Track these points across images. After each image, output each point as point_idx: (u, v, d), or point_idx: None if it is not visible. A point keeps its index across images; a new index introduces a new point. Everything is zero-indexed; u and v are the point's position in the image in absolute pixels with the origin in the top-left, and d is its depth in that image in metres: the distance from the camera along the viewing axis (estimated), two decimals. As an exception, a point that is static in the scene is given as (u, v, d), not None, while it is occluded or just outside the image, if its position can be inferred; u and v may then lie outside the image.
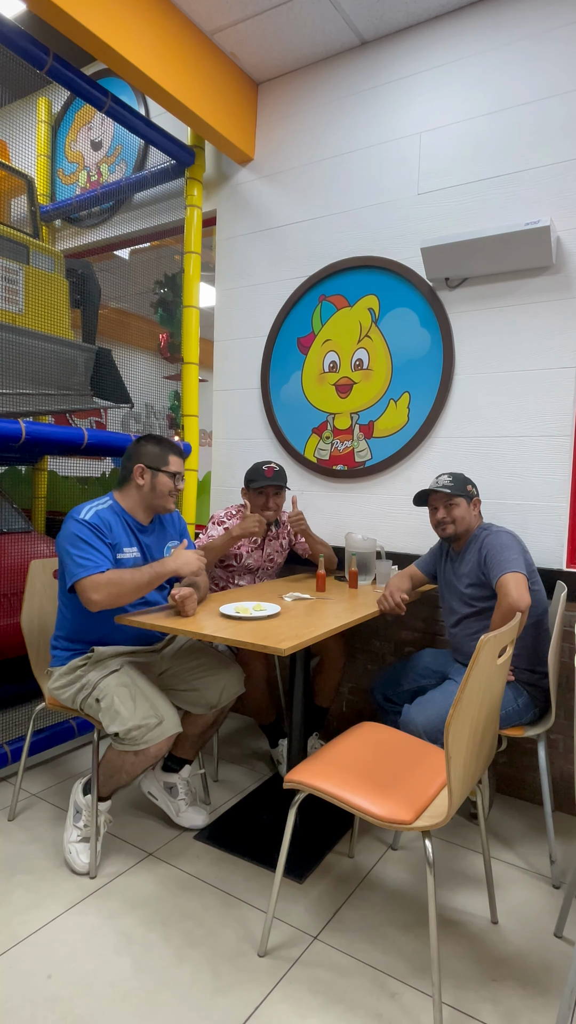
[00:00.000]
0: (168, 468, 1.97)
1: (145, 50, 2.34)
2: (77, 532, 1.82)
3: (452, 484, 2.06)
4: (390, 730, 1.79)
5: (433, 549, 2.28)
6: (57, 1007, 1.39)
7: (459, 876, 1.90)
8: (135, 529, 1.98)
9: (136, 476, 1.96)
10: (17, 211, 3.30)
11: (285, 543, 2.66)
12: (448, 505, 2.06)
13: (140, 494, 1.98)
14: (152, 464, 1.96)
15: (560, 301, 2.25)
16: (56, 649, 1.97)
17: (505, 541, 1.95)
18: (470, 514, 2.07)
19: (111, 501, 1.97)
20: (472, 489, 2.09)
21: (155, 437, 2.01)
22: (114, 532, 1.91)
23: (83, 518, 1.86)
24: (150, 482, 1.96)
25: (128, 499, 1.99)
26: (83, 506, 1.91)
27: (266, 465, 2.48)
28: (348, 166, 2.71)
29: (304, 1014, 1.40)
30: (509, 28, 2.33)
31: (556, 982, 1.51)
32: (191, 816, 2.09)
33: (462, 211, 2.44)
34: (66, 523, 1.86)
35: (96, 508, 1.91)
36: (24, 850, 1.94)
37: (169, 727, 1.77)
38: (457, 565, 2.11)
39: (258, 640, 1.59)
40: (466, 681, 1.27)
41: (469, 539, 2.08)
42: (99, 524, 1.87)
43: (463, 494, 2.05)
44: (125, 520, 1.96)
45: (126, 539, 1.95)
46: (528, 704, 1.91)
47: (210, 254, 3.17)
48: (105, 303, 3.29)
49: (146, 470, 1.95)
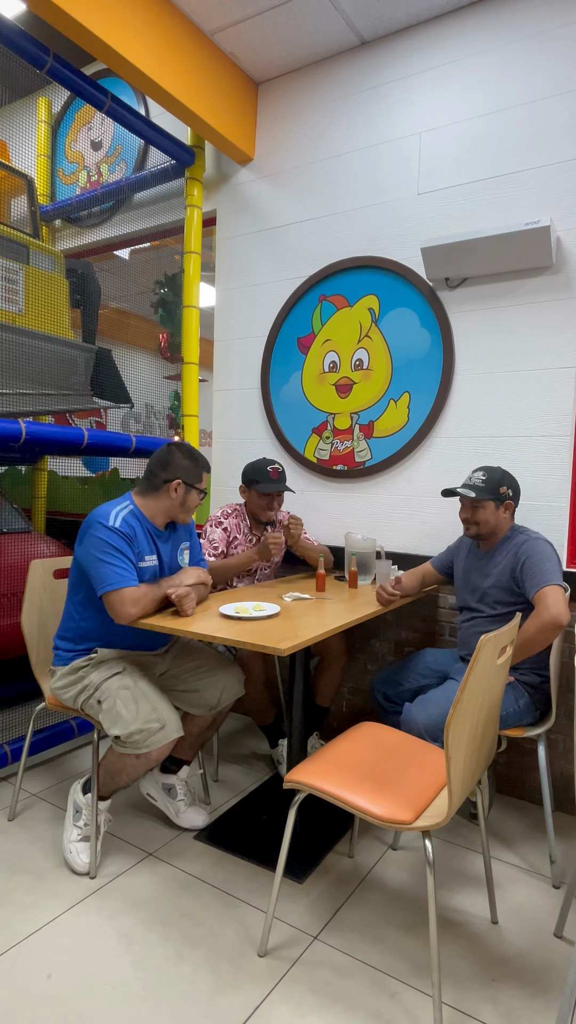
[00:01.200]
0: (200, 486, 1.97)
1: (145, 50, 2.35)
2: (110, 540, 1.79)
3: (482, 486, 2.00)
4: (390, 730, 1.79)
5: (452, 545, 2.26)
6: (57, 1007, 1.39)
7: (459, 876, 1.90)
8: (154, 536, 1.96)
9: (171, 489, 1.92)
10: (17, 211, 3.31)
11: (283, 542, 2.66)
12: (473, 507, 2.02)
13: (167, 505, 1.94)
14: (188, 480, 1.94)
15: (560, 301, 2.25)
16: (59, 649, 1.96)
17: (545, 551, 1.91)
18: (498, 517, 2.01)
19: (132, 506, 1.92)
20: (506, 491, 2.00)
21: (188, 449, 1.98)
22: (138, 540, 1.88)
23: (114, 526, 1.81)
24: (182, 497, 1.94)
25: (151, 506, 1.94)
26: (108, 510, 1.86)
27: (271, 466, 2.45)
28: (348, 166, 2.72)
29: (304, 1014, 1.40)
30: (509, 28, 2.33)
31: (556, 982, 1.51)
32: (191, 817, 2.08)
33: (462, 211, 2.44)
34: (94, 528, 1.81)
35: (122, 514, 1.86)
36: (24, 850, 1.94)
37: (171, 731, 1.77)
38: (484, 562, 2.06)
39: (258, 640, 1.59)
40: (466, 681, 1.27)
41: (500, 540, 2.04)
42: (129, 533, 1.84)
43: (492, 497, 1.98)
44: (146, 527, 1.93)
45: (147, 547, 1.92)
46: (529, 706, 1.91)
47: (210, 254, 3.18)
48: (105, 303, 3.29)
49: (181, 485, 1.93)
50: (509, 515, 2.04)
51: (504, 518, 2.03)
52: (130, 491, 1.99)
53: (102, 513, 1.85)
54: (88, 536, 1.82)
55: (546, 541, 1.95)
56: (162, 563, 1.98)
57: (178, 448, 1.97)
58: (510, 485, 2.02)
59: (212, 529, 2.49)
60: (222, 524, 2.50)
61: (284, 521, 2.66)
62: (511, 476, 2.05)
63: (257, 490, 2.45)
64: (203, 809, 2.14)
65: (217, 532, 2.48)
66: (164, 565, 1.99)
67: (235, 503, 2.61)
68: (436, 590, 2.50)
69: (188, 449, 1.98)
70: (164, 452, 1.97)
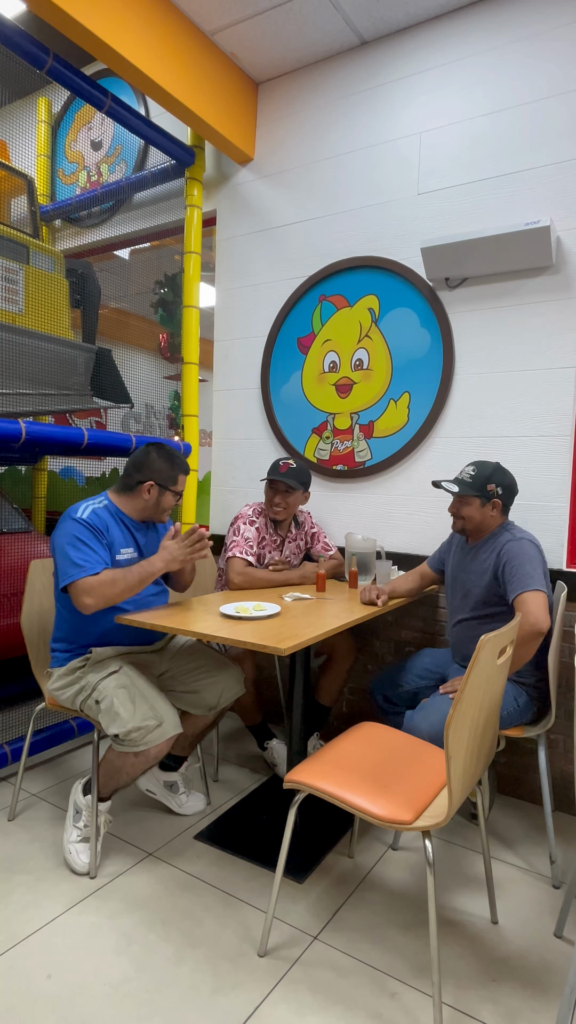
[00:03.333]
0: (175, 488, 1.98)
1: (145, 50, 2.35)
2: (75, 532, 1.82)
3: (469, 481, 1.97)
4: (390, 730, 1.79)
5: (444, 543, 2.24)
6: (57, 1007, 1.39)
7: (459, 876, 1.90)
8: (132, 528, 1.98)
9: (144, 490, 1.95)
10: (17, 211, 3.30)
11: (303, 544, 2.66)
12: (459, 502, 2.00)
13: (141, 505, 1.98)
14: (161, 482, 1.96)
15: (560, 301, 2.25)
16: (55, 651, 1.97)
17: (528, 552, 1.87)
18: (484, 514, 1.98)
19: (107, 501, 1.96)
20: (494, 488, 1.96)
21: (166, 451, 1.98)
22: (111, 532, 1.90)
23: (81, 517, 1.85)
24: (155, 498, 1.97)
25: (127, 505, 1.98)
26: (79, 505, 1.90)
27: (283, 460, 2.45)
28: (348, 166, 2.71)
29: (304, 1014, 1.40)
30: (509, 28, 2.33)
31: (556, 982, 1.51)
32: (192, 804, 2.14)
33: (462, 211, 2.44)
34: (63, 522, 1.85)
35: (93, 506, 1.91)
36: (24, 850, 1.94)
37: (169, 728, 1.77)
38: (469, 560, 2.04)
39: (258, 640, 1.59)
40: (466, 681, 1.27)
41: (487, 536, 2.01)
42: (97, 524, 1.86)
43: (477, 494, 1.95)
44: (121, 519, 1.96)
45: (122, 539, 1.94)
46: (528, 704, 1.91)
47: (210, 254, 3.18)
48: (105, 303, 3.29)
49: (154, 487, 1.95)
50: (497, 512, 1.99)
51: (491, 516, 1.98)
52: (107, 489, 2.01)
53: (73, 508, 1.89)
54: (56, 530, 1.86)
55: (531, 541, 1.91)
56: (142, 554, 1.99)
57: (156, 449, 1.98)
58: (500, 482, 1.97)
59: (246, 527, 2.43)
60: (255, 523, 2.46)
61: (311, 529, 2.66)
62: (504, 472, 2.00)
63: (267, 480, 2.45)
64: (202, 795, 2.18)
65: (251, 530, 2.43)
66: (143, 557, 1.99)
67: (261, 502, 2.58)
68: (436, 590, 2.50)
69: (167, 451, 1.98)
70: (141, 453, 1.98)
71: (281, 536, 2.56)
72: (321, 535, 2.68)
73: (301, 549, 2.65)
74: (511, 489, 2.01)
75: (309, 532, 2.67)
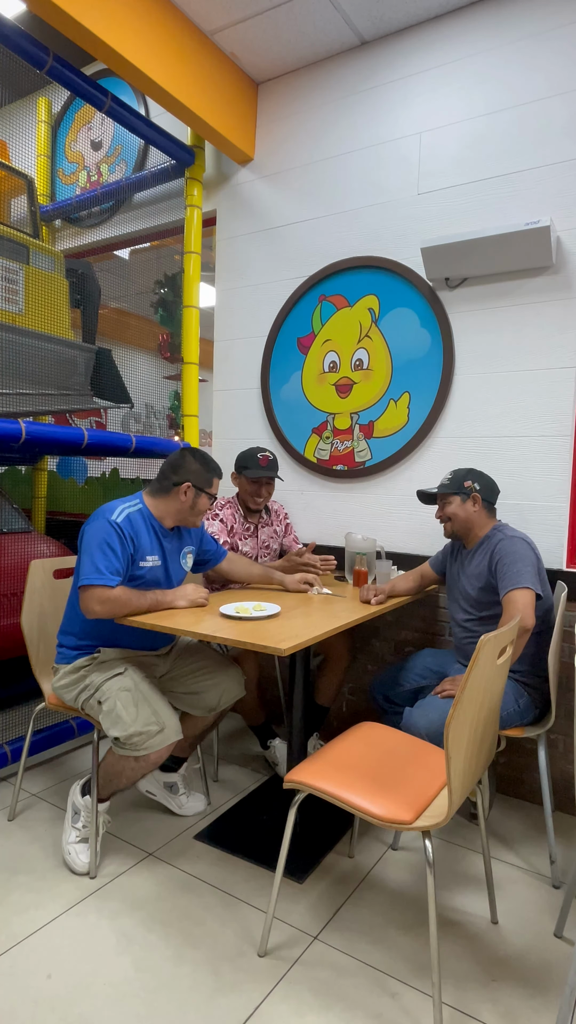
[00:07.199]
0: (211, 491, 2.00)
1: (145, 50, 2.34)
2: (106, 537, 1.81)
3: (447, 483, 2.05)
4: (390, 730, 1.79)
5: (445, 547, 2.27)
6: (57, 1007, 1.39)
7: (459, 876, 1.90)
8: (160, 534, 1.98)
9: (180, 492, 1.95)
10: (17, 211, 3.30)
11: (280, 528, 2.70)
12: (441, 504, 2.07)
13: (177, 508, 1.97)
14: (198, 484, 1.96)
15: (560, 301, 2.25)
16: (63, 646, 1.96)
17: (519, 550, 1.90)
18: (467, 510, 2.03)
19: (141, 504, 1.95)
20: (471, 484, 2.03)
21: (201, 454, 2.01)
22: (140, 539, 1.89)
23: (116, 520, 1.84)
24: (192, 500, 1.97)
25: (160, 508, 1.97)
26: (115, 506, 1.89)
27: (260, 453, 2.48)
28: (348, 166, 2.71)
29: (304, 1014, 1.40)
30: (509, 28, 2.33)
31: (556, 982, 1.51)
32: (192, 805, 2.14)
33: (462, 211, 2.44)
34: (98, 519, 1.85)
35: (128, 511, 1.90)
36: (24, 850, 1.94)
37: (170, 734, 1.77)
38: (466, 564, 2.07)
39: (258, 640, 1.59)
40: (466, 681, 1.27)
41: (481, 539, 2.04)
42: (128, 531, 1.86)
43: (456, 491, 2.03)
44: (152, 525, 1.95)
45: (150, 546, 1.93)
46: (528, 705, 1.91)
47: (210, 254, 3.17)
48: (105, 303, 3.29)
49: (191, 488, 1.95)
50: (480, 508, 2.03)
51: (475, 511, 2.03)
52: (141, 491, 2.01)
53: (109, 507, 1.88)
54: (90, 525, 1.86)
55: (523, 540, 1.94)
56: (165, 563, 1.99)
57: (191, 452, 2.01)
58: (476, 480, 2.04)
59: (209, 523, 2.50)
60: (218, 516, 2.51)
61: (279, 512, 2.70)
62: (479, 472, 2.07)
63: (246, 476, 2.48)
64: (202, 796, 2.19)
65: (215, 524, 2.49)
66: (167, 565, 1.99)
67: (226, 496, 2.62)
68: (436, 590, 2.50)
69: (201, 454, 2.01)
70: (177, 456, 2.00)
71: (253, 523, 2.59)
72: (291, 527, 2.76)
73: (278, 534, 2.69)
74: (490, 487, 2.07)
75: (284, 521, 2.73)
